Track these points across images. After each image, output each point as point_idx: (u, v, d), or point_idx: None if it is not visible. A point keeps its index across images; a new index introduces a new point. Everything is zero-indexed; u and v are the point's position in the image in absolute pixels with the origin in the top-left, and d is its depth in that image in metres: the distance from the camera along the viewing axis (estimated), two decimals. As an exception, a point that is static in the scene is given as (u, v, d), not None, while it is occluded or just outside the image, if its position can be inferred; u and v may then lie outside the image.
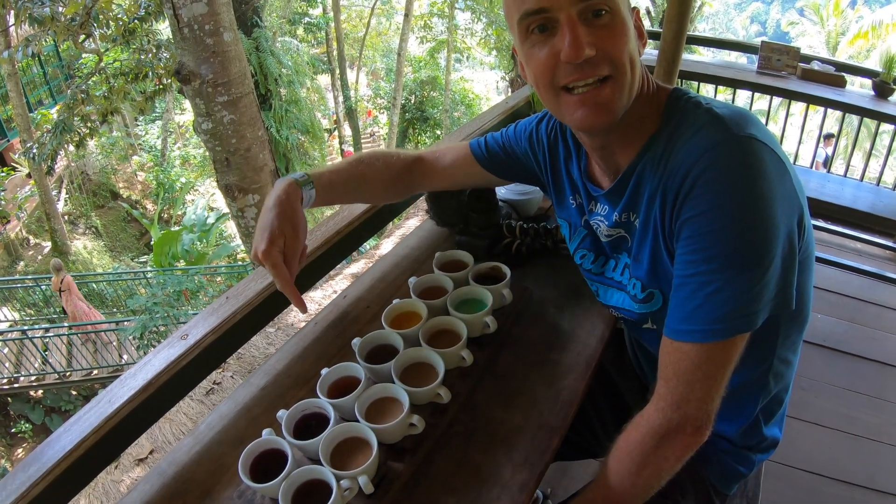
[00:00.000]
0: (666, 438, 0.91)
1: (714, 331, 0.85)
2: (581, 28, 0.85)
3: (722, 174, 0.83)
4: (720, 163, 0.84)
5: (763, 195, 0.82)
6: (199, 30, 4.41)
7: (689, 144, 0.88)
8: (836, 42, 17.39)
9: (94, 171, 15.03)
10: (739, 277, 0.83)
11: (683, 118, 0.92)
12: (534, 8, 0.87)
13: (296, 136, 10.37)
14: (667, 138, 0.93)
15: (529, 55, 0.93)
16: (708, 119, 0.89)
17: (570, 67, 0.88)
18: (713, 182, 0.84)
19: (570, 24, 0.85)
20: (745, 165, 0.83)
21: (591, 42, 0.85)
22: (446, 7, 17.36)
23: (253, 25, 9.80)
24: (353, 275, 4.72)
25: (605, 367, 1.42)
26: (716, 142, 0.85)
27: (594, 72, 0.88)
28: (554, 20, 0.87)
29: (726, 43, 7.15)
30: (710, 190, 0.84)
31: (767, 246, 0.83)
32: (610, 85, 0.89)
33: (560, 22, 0.86)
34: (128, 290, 10.52)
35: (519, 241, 1.57)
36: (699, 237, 0.85)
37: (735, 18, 36.77)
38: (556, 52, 0.88)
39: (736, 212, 0.82)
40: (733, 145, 0.84)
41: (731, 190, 0.83)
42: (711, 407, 0.89)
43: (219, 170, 5.01)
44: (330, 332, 1.38)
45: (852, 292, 3.23)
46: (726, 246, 0.83)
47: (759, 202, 0.82)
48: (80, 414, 1.08)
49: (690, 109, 0.93)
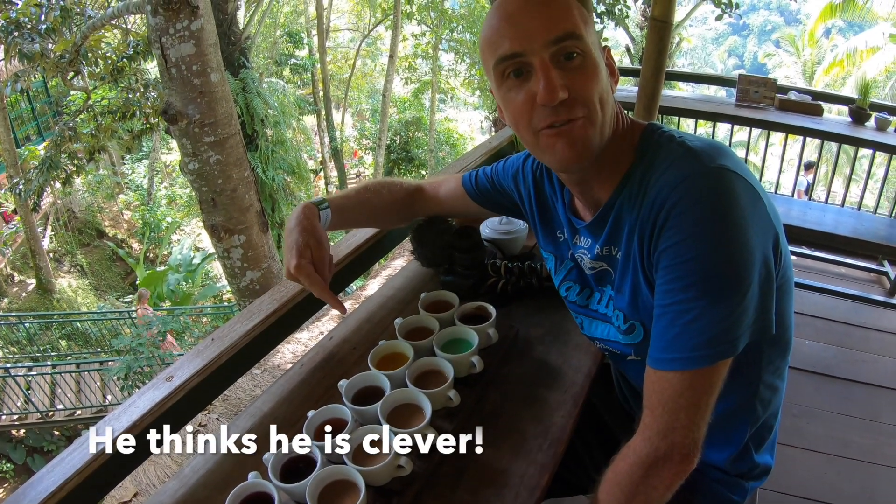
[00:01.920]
0: (654, 467, 0.90)
1: (695, 357, 0.86)
2: (554, 72, 0.89)
3: (695, 204, 0.86)
4: (693, 194, 0.87)
5: (736, 223, 0.85)
6: (186, 70, 4.45)
7: (663, 178, 0.91)
8: (813, 71, 17.79)
9: (80, 209, 14.95)
10: (717, 304, 0.85)
11: (657, 153, 0.96)
12: (507, 53, 0.91)
13: (282, 176, 10.39)
14: (642, 173, 0.96)
15: (507, 99, 0.96)
16: (681, 152, 0.92)
17: (546, 110, 0.91)
18: (687, 213, 0.86)
19: (544, 69, 0.89)
20: (718, 195, 0.86)
21: (565, 85, 0.89)
22: (430, 48, 17.67)
23: (240, 66, 9.89)
24: (339, 315, 4.69)
25: (592, 403, 1.41)
26: (688, 174, 0.88)
27: (568, 114, 0.91)
28: (528, 65, 0.91)
29: (704, 77, 7.33)
30: (684, 220, 0.86)
31: (743, 272, 0.85)
32: (582, 122, 0.92)
33: (534, 66, 0.90)
34: (112, 330, 10.37)
35: (504, 280, 1.59)
36: (675, 267, 0.88)
37: (713, 53, 37.56)
38: (532, 95, 0.91)
39: (710, 240, 0.85)
40: (705, 176, 0.87)
41: (705, 219, 0.85)
42: (698, 434, 0.89)
43: (205, 210, 5.01)
44: (316, 374, 1.38)
45: (839, 317, 3.26)
46: (702, 274, 0.85)
47: (733, 230, 0.84)
48: (63, 455, 1.06)
49: (664, 144, 0.96)
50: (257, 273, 5.18)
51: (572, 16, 0.91)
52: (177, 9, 4.27)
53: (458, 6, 16.83)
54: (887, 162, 4.54)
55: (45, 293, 11.89)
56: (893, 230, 3.30)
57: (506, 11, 0.93)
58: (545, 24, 0.90)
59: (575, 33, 0.90)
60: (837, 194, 5.39)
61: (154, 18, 4.30)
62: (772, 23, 36.60)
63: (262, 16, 14.66)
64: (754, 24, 37.91)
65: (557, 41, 0.89)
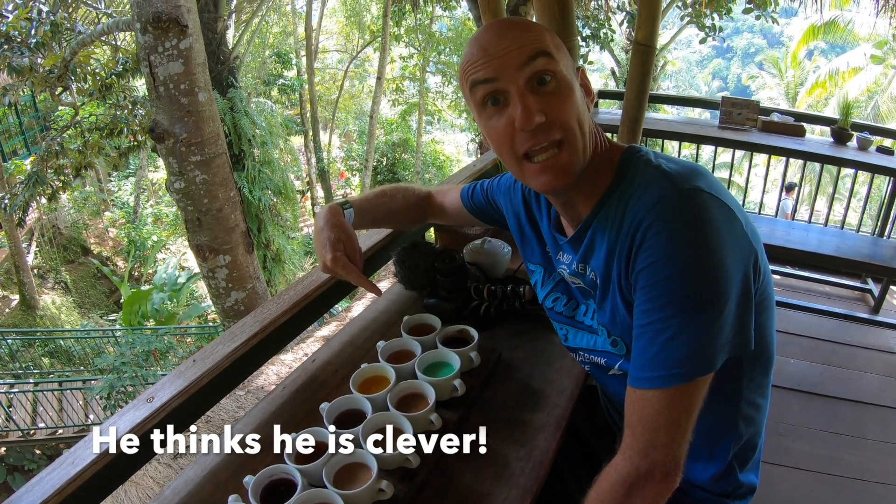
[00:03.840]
0: (635, 486, 0.90)
1: (673, 375, 0.88)
2: (529, 97, 0.93)
3: (669, 225, 0.88)
4: (666, 215, 0.89)
5: (710, 242, 0.87)
6: (174, 88, 4.46)
7: (639, 202, 0.93)
8: (796, 92, 18.06)
9: (65, 226, 14.81)
10: (694, 321, 0.87)
11: (634, 176, 0.98)
12: (481, 78, 0.96)
13: (268, 196, 10.33)
14: (619, 196, 0.99)
15: (488, 127, 1.00)
16: (656, 175, 0.94)
17: (526, 135, 0.94)
18: (661, 233, 0.88)
19: (520, 95, 0.93)
20: (691, 215, 0.88)
21: (541, 109, 0.92)
22: (418, 70, 17.86)
23: (228, 85, 9.87)
24: (324, 337, 4.69)
25: (577, 425, 1.41)
26: (662, 196, 0.91)
27: (546, 137, 0.94)
28: (505, 92, 0.95)
29: (688, 100, 7.43)
30: (659, 241, 0.88)
31: (719, 288, 0.87)
32: (566, 150, 0.95)
33: (511, 93, 0.94)
34: (96, 349, 10.23)
35: (487, 303, 1.59)
36: (652, 286, 0.89)
37: (697, 75, 38.14)
38: (511, 121, 0.94)
39: (685, 259, 0.87)
40: (680, 198, 0.89)
41: (679, 239, 0.87)
42: (679, 452, 0.89)
43: (190, 229, 4.99)
44: (298, 397, 1.37)
45: (825, 335, 3.29)
46: (678, 292, 0.87)
47: (707, 248, 0.86)
48: (42, 475, 1.04)
49: (641, 167, 0.99)
50: (242, 293, 5.15)
51: (543, 39, 0.96)
52: (166, 27, 4.29)
53: (445, 29, 17.06)
54: (869, 181, 4.62)
55: (28, 309, 11.73)
56: (877, 248, 3.33)
57: (479, 43, 0.97)
58: (517, 48, 0.93)
59: (546, 51, 0.94)
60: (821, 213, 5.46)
61: (143, 36, 4.31)
62: (755, 45, 37.28)
63: (252, 36, 14.70)
64: (738, 47, 38.57)
65: (529, 60, 0.93)
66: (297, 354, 4.42)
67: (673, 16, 13.91)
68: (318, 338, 4.75)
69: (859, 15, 12.43)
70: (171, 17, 4.28)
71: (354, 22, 19.23)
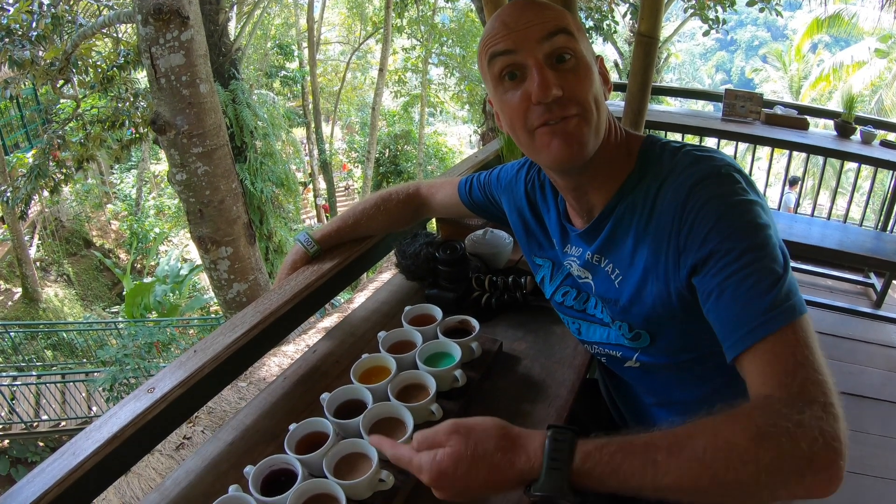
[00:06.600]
0: (799, 425, 0.74)
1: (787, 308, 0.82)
2: (548, 71, 0.92)
3: (715, 196, 0.89)
4: (711, 189, 0.90)
5: (753, 202, 0.89)
6: (175, 80, 4.44)
7: (677, 184, 0.94)
8: (799, 86, 18.03)
9: (67, 218, 14.84)
10: (771, 262, 0.85)
11: (666, 162, 0.98)
12: (500, 49, 0.95)
13: (270, 188, 10.34)
14: (649, 182, 0.99)
15: (503, 101, 0.99)
16: (691, 160, 0.95)
17: (541, 108, 0.94)
18: (709, 204, 0.89)
19: (538, 67, 0.92)
20: (734, 185, 0.90)
21: (558, 84, 0.92)
22: (420, 62, 17.83)
23: (230, 77, 9.87)
24: (325, 328, 4.69)
25: (578, 417, 1.41)
26: (703, 176, 0.92)
27: (562, 112, 0.94)
28: (523, 66, 0.94)
29: (691, 92, 7.39)
30: (709, 212, 0.89)
31: (775, 242, 0.87)
32: (577, 120, 0.94)
33: (529, 67, 0.93)
34: (98, 341, 10.25)
35: (488, 294, 1.59)
36: (719, 250, 0.87)
37: (701, 68, 38.02)
38: (527, 95, 0.94)
39: (737, 215, 0.88)
40: (718, 176, 0.91)
41: (729, 202, 0.88)
42: (834, 391, 0.80)
43: (192, 221, 4.98)
44: (299, 388, 1.37)
45: (827, 329, 3.29)
46: (746, 241, 0.86)
47: (753, 205, 0.88)
48: (43, 465, 1.04)
49: (669, 154, 0.99)
50: (244, 285, 5.15)
51: (566, 17, 0.96)
52: (167, 19, 4.26)
53: (448, 21, 17.00)
54: (872, 175, 4.61)
55: (30, 302, 11.76)
56: (879, 242, 3.32)
57: (501, 17, 0.97)
58: (538, 24, 0.94)
59: (567, 29, 0.94)
60: (824, 207, 5.44)
61: (144, 28, 4.29)
62: (759, 38, 37.14)
63: (253, 27, 14.70)
64: (742, 40, 38.45)
65: (550, 36, 0.93)
66: (298, 345, 4.43)
67: (676, 8, 13.90)
68: (320, 329, 4.75)
69: (863, 9, 12.38)
70: (172, 9, 4.25)
71: (356, 13, 19.22)
